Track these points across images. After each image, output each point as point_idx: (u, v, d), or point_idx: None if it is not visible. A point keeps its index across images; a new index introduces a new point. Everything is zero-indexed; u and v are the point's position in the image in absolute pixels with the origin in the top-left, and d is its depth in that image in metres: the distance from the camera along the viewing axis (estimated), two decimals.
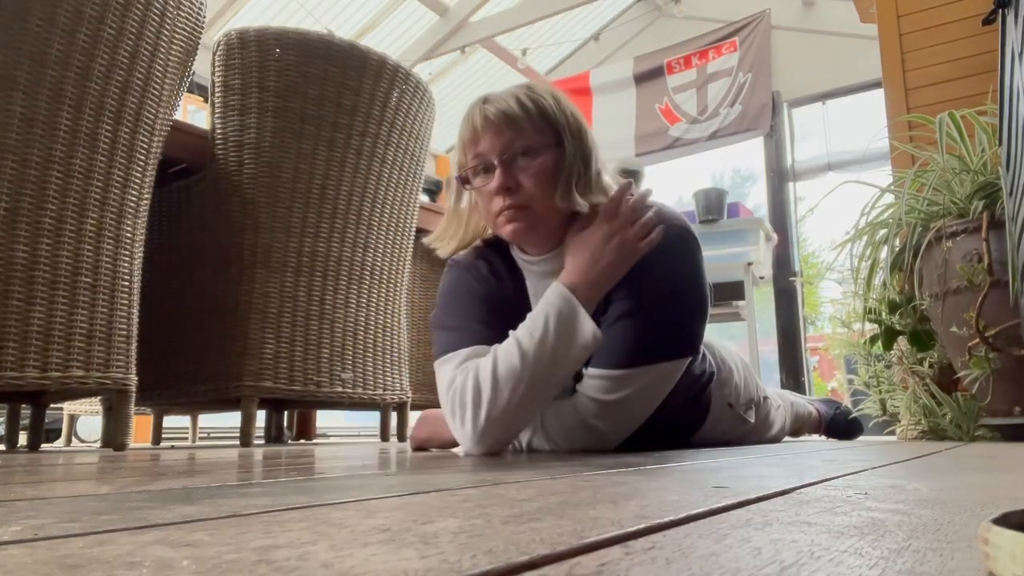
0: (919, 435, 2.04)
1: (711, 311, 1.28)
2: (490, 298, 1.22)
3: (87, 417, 2.71)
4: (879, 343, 2.14)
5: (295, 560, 0.25)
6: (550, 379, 1.11)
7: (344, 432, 5.06)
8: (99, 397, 1.67)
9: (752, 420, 1.52)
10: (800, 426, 1.98)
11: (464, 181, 1.21)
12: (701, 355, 1.31)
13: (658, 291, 1.16)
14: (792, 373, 4.84)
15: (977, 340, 1.71)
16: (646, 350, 1.16)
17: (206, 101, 1.92)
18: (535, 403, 1.12)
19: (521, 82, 1.27)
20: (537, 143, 1.16)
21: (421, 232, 2.40)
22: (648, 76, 5.62)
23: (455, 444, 1.25)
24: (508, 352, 1.11)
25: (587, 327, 1.10)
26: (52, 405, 2.09)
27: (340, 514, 0.38)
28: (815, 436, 2.12)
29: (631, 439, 1.20)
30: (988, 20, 1.98)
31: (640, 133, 5.56)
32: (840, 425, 2.11)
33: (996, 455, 1.10)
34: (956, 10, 2.48)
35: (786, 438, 1.84)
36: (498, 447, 1.15)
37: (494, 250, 1.29)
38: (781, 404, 1.75)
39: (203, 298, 1.81)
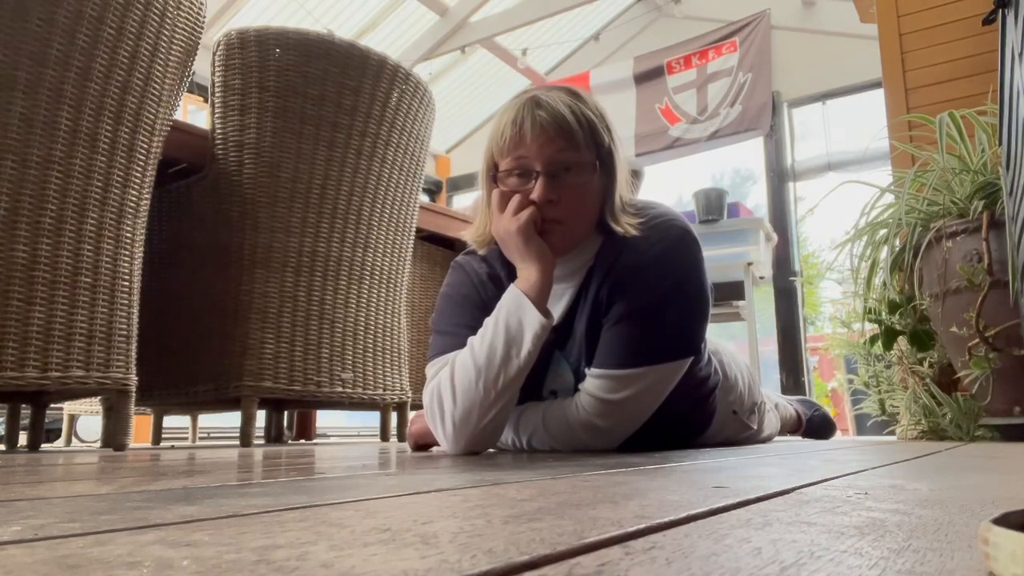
0: (919, 435, 2.05)
1: (711, 311, 1.28)
2: (484, 303, 1.22)
3: (87, 417, 2.71)
4: (879, 343, 2.14)
5: (295, 560, 0.25)
6: (506, 376, 1.10)
7: (344, 432, 5.06)
8: (99, 397, 1.67)
9: (754, 427, 1.52)
10: (781, 427, 1.98)
11: (495, 179, 1.18)
12: (706, 359, 1.31)
13: (659, 292, 1.16)
14: (792, 373, 4.84)
15: (977, 340, 1.71)
16: (648, 350, 1.16)
17: (206, 101, 1.92)
18: (497, 402, 1.11)
19: (562, 86, 1.24)
20: (583, 161, 1.15)
21: (421, 232, 2.41)
22: (648, 76, 5.61)
23: None
24: (463, 357, 1.14)
25: (531, 315, 1.10)
26: (52, 405, 2.09)
27: (340, 514, 0.38)
28: (794, 437, 2.13)
29: (634, 441, 1.21)
30: (988, 20, 1.98)
31: (640, 133, 5.56)
32: (816, 425, 2.12)
33: (996, 455, 1.10)
34: (956, 10, 2.48)
35: (777, 438, 1.84)
36: (476, 447, 1.15)
37: (499, 253, 1.29)
38: (772, 408, 1.76)
39: (203, 298, 1.81)
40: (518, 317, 1.11)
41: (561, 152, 1.13)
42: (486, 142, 1.21)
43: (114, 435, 1.51)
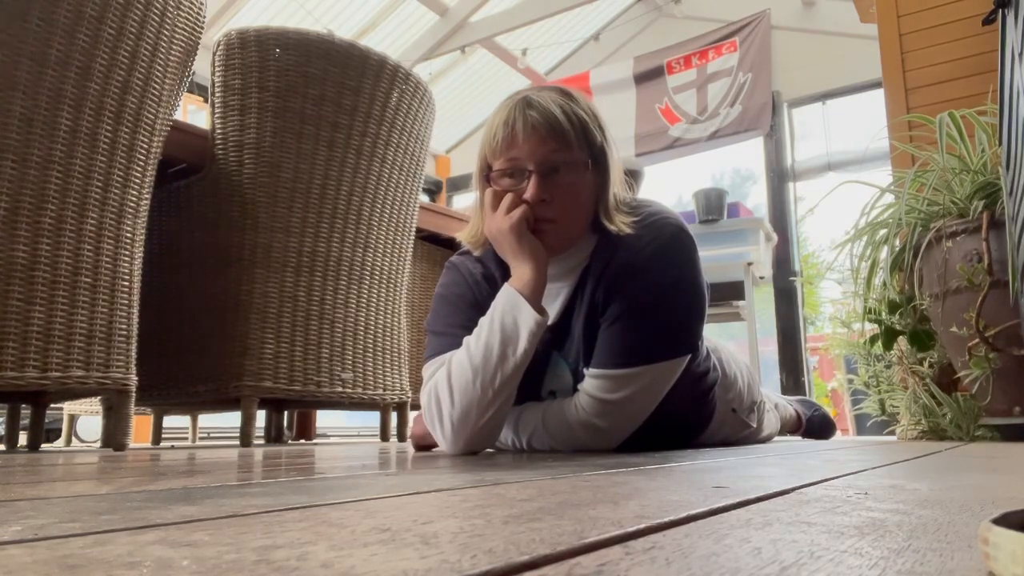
0: (919, 435, 2.05)
1: (711, 311, 1.28)
2: (479, 303, 1.22)
3: (87, 417, 2.71)
4: (879, 343, 2.14)
5: (295, 560, 0.25)
6: (503, 375, 1.10)
7: (344, 432, 5.06)
8: (99, 397, 1.67)
9: (754, 425, 1.53)
10: (781, 427, 1.98)
11: (488, 179, 1.19)
12: (705, 355, 1.31)
13: (656, 291, 1.17)
14: (792, 373, 4.84)
15: (977, 340, 1.71)
16: (645, 349, 1.16)
17: (206, 101, 1.92)
18: (495, 401, 1.11)
19: (554, 86, 1.25)
20: (575, 160, 1.16)
21: (421, 232, 2.41)
22: (648, 76, 5.61)
23: None
24: (460, 357, 1.14)
25: (527, 313, 1.10)
26: (52, 405, 2.09)
27: (340, 514, 0.38)
28: (794, 437, 2.13)
29: (634, 440, 1.21)
30: (988, 20, 1.98)
31: (640, 133, 5.56)
32: (816, 425, 2.12)
33: (996, 455, 1.10)
34: (956, 10, 2.48)
35: (776, 438, 1.84)
36: (475, 446, 1.15)
37: (493, 253, 1.29)
38: (771, 408, 1.76)
39: (203, 298, 1.81)
40: (513, 316, 1.11)
41: (553, 152, 1.14)
42: (479, 143, 1.21)
43: (114, 435, 1.51)
